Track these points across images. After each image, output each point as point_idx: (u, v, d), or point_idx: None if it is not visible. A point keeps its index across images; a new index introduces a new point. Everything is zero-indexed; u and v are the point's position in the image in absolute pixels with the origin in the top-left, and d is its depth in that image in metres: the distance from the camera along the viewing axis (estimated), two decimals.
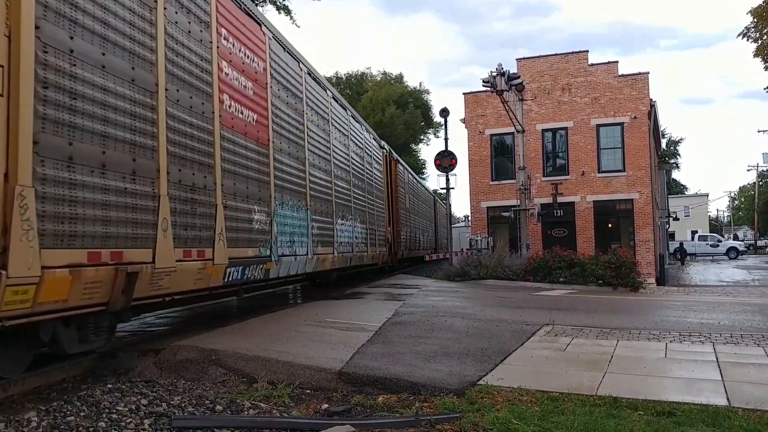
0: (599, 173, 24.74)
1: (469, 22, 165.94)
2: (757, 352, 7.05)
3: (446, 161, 23.83)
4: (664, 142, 55.32)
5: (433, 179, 60.43)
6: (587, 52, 25.28)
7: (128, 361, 6.27)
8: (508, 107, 21.52)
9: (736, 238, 67.71)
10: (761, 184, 77.68)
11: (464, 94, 26.72)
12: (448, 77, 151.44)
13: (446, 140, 24.67)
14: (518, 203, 22.12)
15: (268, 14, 22.14)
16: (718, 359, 6.61)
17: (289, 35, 11.09)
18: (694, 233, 59.20)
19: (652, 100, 24.47)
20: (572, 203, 24.84)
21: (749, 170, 79.41)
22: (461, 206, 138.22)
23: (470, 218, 27.85)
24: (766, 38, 25.67)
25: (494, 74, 19.72)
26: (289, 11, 24.86)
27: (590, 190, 24.75)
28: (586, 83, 24.87)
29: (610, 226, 24.95)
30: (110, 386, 5.33)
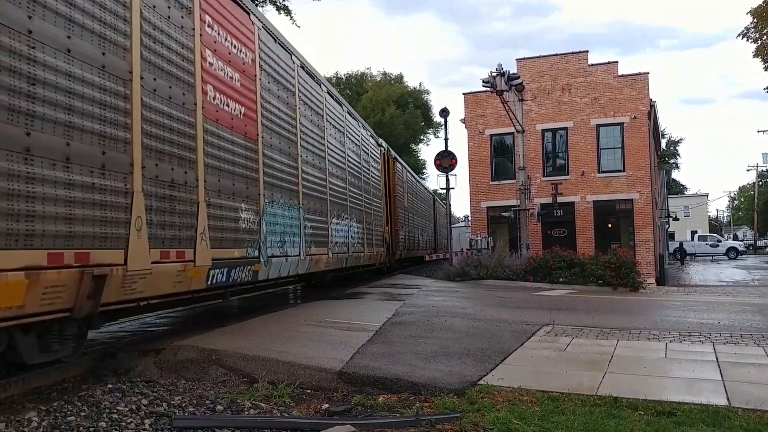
0: (599, 173, 24.75)
1: (469, 22, 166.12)
2: (757, 352, 7.06)
3: (446, 161, 23.85)
4: (663, 142, 55.39)
5: (433, 179, 60.45)
6: (587, 52, 25.30)
7: (128, 361, 6.27)
8: (508, 107, 21.53)
9: (735, 238, 67.75)
10: (761, 184, 77.68)
11: (464, 94, 26.74)
12: (448, 77, 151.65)
13: (446, 140, 24.73)
14: (518, 203, 22.13)
15: (268, 14, 22.15)
16: (718, 359, 6.62)
17: (289, 35, 11.01)
18: (693, 233, 59.17)
19: (651, 100, 24.48)
20: (572, 203, 24.85)
21: (749, 170, 79.51)
22: (461, 206, 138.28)
23: (470, 218, 27.85)
24: (766, 38, 25.70)
25: (494, 74, 19.72)
26: (289, 11, 24.87)
27: (590, 190, 24.76)
28: (586, 83, 24.87)
29: (610, 226, 24.95)
30: (111, 386, 5.34)
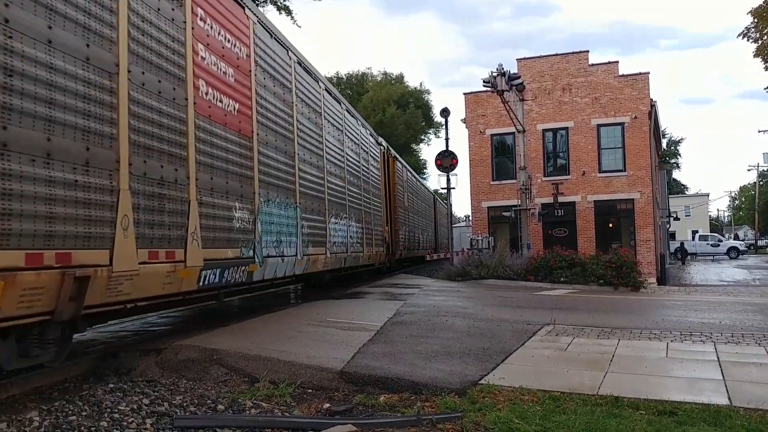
0: (600, 173, 24.72)
1: (469, 22, 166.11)
2: (758, 351, 7.05)
3: (447, 161, 23.87)
4: (664, 142, 55.32)
5: (434, 179, 60.36)
6: (587, 52, 25.27)
7: (130, 360, 6.27)
8: (508, 107, 21.52)
9: (736, 237, 67.65)
10: (762, 183, 77.62)
11: (465, 94, 26.71)
12: (448, 77, 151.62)
13: (447, 140, 24.81)
14: (519, 203, 22.11)
15: (268, 14, 22.14)
16: (719, 359, 6.62)
17: (290, 35, 10.96)
18: (694, 233, 59.13)
19: (652, 100, 24.45)
20: (573, 203, 24.82)
21: (750, 170, 79.36)
22: (462, 206, 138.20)
23: (471, 218, 27.83)
24: (766, 38, 25.64)
25: (495, 74, 19.71)
26: (290, 11, 24.89)
27: (591, 189, 24.74)
28: (586, 83, 24.85)
29: (610, 225, 24.92)
30: (112, 386, 5.34)
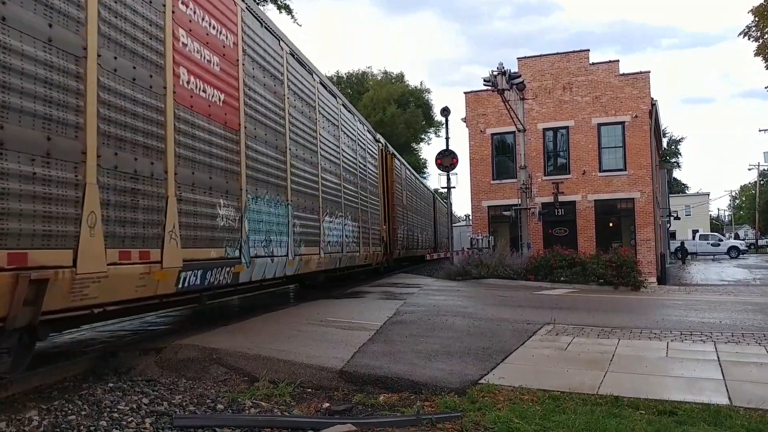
0: (600, 172, 24.70)
1: (469, 21, 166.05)
2: (758, 351, 7.05)
3: (447, 160, 23.88)
4: (665, 141, 55.33)
5: (434, 178, 60.32)
6: (588, 51, 25.23)
7: (129, 360, 6.27)
8: (509, 106, 21.50)
9: (737, 237, 67.64)
10: (762, 183, 77.60)
11: (465, 93, 26.68)
12: (448, 77, 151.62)
13: (447, 139, 24.84)
14: (519, 202, 22.12)
15: (269, 13, 22.13)
16: (719, 358, 6.61)
17: (290, 34, 10.86)
18: (695, 232, 59.10)
19: (653, 99, 24.42)
20: (573, 202, 24.80)
21: (750, 169, 79.50)
22: (462, 205, 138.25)
23: (471, 217, 27.82)
24: (767, 37, 25.61)
25: (495, 73, 19.69)
26: (290, 10, 24.94)
27: (591, 189, 24.72)
28: (587, 82, 24.83)
29: (611, 225, 24.90)
30: (111, 385, 5.34)
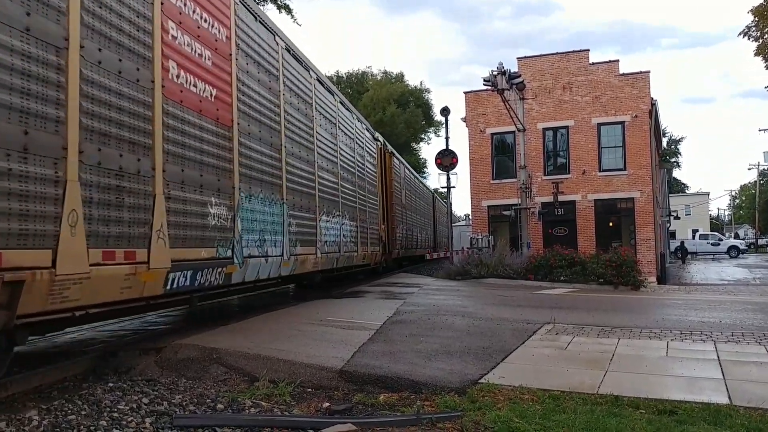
0: (600, 172, 24.71)
1: (469, 21, 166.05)
2: (758, 350, 7.04)
3: (447, 160, 23.87)
4: (664, 141, 55.32)
5: (434, 178, 60.33)
6: (588, 51, 25.26)
7: (129, 359, 6.27)
8: (509, 106, 21.50)
9: (737, 236, 67.64)
10: (762, 182, 77.62)
11: (465, 92, 26.70)
12: (448, 76, 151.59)
13: (447, 139, 24.82)
14: (519, 202, 22.11)
15: (269, 12, 22.10)
16: (719, 358, 6.61)
17: (289, 34, 10.85)
18: (695, 232, 59.15)
19: (652, 98, 24.43)
20: (573, 202, 24.81)
21: (750, 169, 79.55)
22: (462, 205, 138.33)
23: (471, 217, 27.84)
24: (767, 37, 25.61)
25: (495, 73, 19.69)
26: (290, 10, 24.94)
27: (591, 188, 24.73)
28: (587, 82, 24.84)
29: (611, 224, 24.92)
30: (111, 385, 5.34)
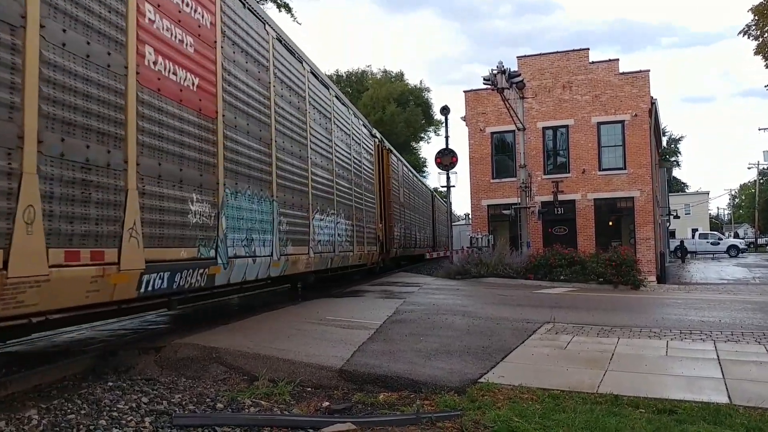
0: (600, 171, 24.71)
1: (469, 20, 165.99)
2: (758, 349, 7.04)
3: (447, 159, 23.86)
4: (664, 140, 55.31)
5: (433, 177, 60.23)
6: (588, 50, 25.25)
7: (129, 359, 6.26)
8: (508, 105, 21.49)
9: (736, 236, 67.59)
10: (762, 181, 77.63)
11: (465, 91, 26.67)
12: (448, 75, 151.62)
13: (447, 138, 24.78)
14: (519, 201, 22.10)
15: (268, 11, 22.08)
16: (719, 357, 6.60)
17: (290, 33, 10.80)
18: (694, 231, 59.15)
19: (652, 97, 24.43)
20: (573, 201, 24.82)
21: (750, 168, 79.68)
22: (462, 204, 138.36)
23: (471, 216, 27.83)
24: (766, 36, 25.59)
25: (495, 72, 19.67)
26: (289, 9, 24.93)
27: (591, 188, 24.73)
28: (586, 81, 24.83)
29: (610, 224, 24.92)
30: (111, 384, 5.34)
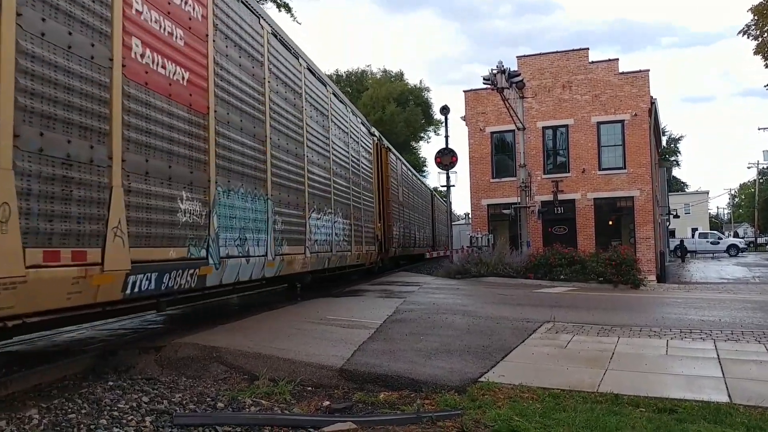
0: (600, 171, 24.71)
1: (469, 20, 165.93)
2: (758, 348, 7.05)
3: (447, 159, 23.85)
4: (664, 139, 55.33)
5: (433, 177, 60.23)
6: (588, 49, 25.25)
7: (129, 358, 6.27)
8: (508, 105, 21.49)
9: (736, 235, 67.54)
10: (761, 181, 77.65)
11: (465, 91, 26.68)
12: (448, 75, 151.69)
13: (447, 138, 24.76)
14: (519, 201, 22.12)
15: (269, 11, 22.08)
16: (719, 356, 6.61)
17: (290, 32, 10.79)
18: (694, 230, 59.18)
19: (652, 97, 24.42)
20: (573, 200, 24.82)
21: (749, 168, 79.70)
22: (462, 204, 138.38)
23: (471, 216, 27.83)
24: (766, 36, 25.59)
25: (495, 72, 19.67)
26: (289, 8, 24.89)
27: (591, 187, 24.73)
28: (586, 81, 24.83)
29: (610, 223, 24.93)
30: (111, 384, 5.34)
